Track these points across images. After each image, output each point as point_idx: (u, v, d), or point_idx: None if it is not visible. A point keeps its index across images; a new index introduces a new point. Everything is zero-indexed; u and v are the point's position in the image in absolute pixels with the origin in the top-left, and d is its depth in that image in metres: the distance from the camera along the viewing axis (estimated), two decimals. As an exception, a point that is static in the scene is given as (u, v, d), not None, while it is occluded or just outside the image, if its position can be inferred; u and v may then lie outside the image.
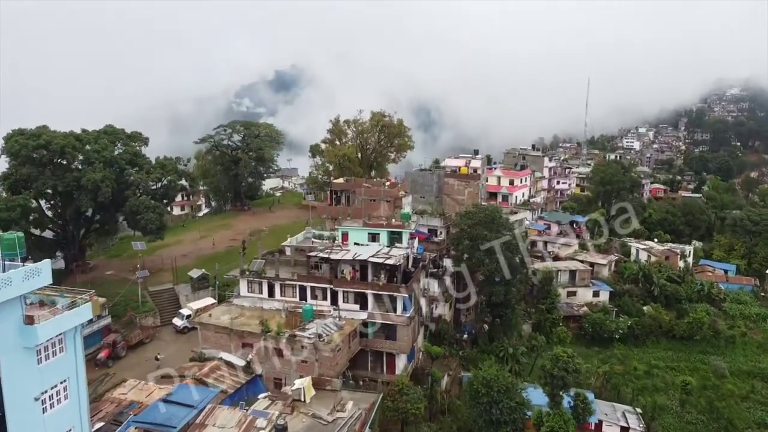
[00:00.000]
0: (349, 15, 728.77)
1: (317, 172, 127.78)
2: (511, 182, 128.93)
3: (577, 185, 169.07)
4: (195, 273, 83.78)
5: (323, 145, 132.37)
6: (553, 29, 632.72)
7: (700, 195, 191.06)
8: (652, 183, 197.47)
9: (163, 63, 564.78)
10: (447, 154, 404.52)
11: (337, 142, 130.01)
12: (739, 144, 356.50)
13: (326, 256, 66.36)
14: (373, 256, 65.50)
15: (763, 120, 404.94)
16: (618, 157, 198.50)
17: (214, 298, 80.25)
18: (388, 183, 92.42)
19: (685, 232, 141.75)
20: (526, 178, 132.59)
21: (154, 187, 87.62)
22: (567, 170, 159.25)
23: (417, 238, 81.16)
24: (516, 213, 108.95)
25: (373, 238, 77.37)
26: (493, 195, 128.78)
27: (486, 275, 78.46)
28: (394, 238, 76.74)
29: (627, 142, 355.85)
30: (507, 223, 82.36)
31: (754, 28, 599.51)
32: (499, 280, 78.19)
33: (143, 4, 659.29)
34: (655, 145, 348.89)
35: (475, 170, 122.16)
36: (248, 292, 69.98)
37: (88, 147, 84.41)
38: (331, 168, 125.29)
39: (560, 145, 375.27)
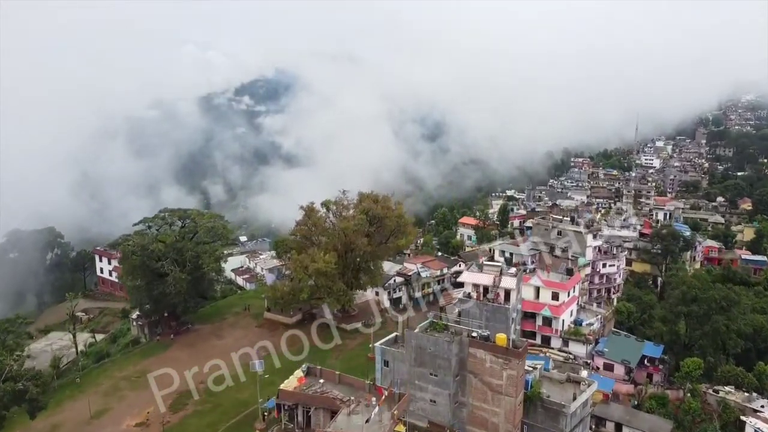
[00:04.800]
0: (349, 16, 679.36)
1: (282, 288, 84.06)
2: (555, 296, 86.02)
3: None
4: None
5: (292, 238, 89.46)
6: (565, 32, 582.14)
7: (765, 259, 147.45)
8: (703, 239, 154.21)
9: (157, 62, 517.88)
10: (457, 169, 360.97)
11: (313, 240, 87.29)
12: (766, 160, 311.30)
13: None
14: None
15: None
16: (667, 217, 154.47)
17: None
18: (378, 399, 49.76)
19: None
20: (574, 288, 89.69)
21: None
22: (617, 248, 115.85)
23: None
24: (581, 387, 65.51)
25: None
26: (530, 317, 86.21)
27: None
28: None
29: (646, 159, 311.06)
30: None
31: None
32: None
33: (131, 4, 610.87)
34: (675, 163, 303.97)
35: (507, 293, 79.33)
36: None
37: None
38: (300, 282, 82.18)
39: (572, 160, 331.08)
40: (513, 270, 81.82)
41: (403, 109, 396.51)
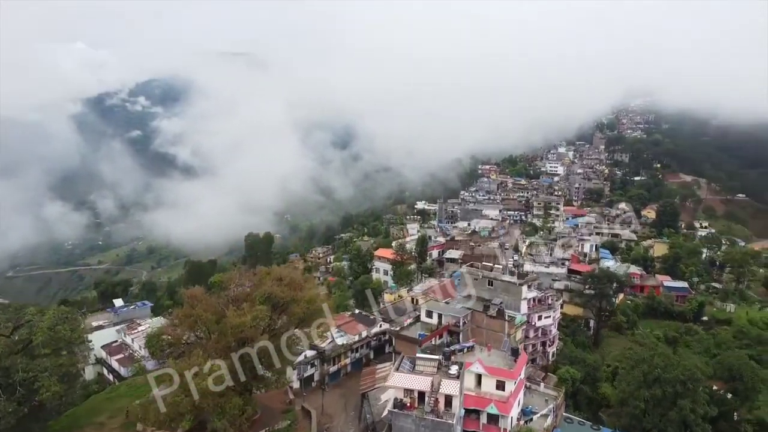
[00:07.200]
0: (258, 16, 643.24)
1: (155, 413, 60.82)
2: (501, 386, 69.49)
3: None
4: None
5: (169, 335, 66.58)
6: (475, 38, 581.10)
7: (688, 288, 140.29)
8: (627, 267, 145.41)
9: (40, 61, 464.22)
10: (369, 177, 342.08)
11: (199, 336, 65.26)
12: (659, 165, 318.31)
13: None
14: None
15: (668, 132, 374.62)
16: (593, 249, 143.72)
17: None
18: None
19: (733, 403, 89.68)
20: (522, 372, 73.56)
21: None
22: (552, 297, 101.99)
23: None
24: None
25: None
26: (472, 414, 69.07)
27: None
28: None
29: (550, 166, 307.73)
30: None
31: (661, 40, 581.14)
32: None
33: None
34: (578, 169, 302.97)
35: (448, 400, 61.73)
36: None
37: None
38: (179, 404, 59.69)
39: (480, 167, 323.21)
40: (454, 369, 64.12)
41: (312, 116, 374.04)
